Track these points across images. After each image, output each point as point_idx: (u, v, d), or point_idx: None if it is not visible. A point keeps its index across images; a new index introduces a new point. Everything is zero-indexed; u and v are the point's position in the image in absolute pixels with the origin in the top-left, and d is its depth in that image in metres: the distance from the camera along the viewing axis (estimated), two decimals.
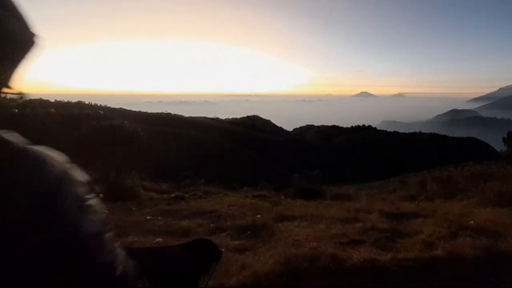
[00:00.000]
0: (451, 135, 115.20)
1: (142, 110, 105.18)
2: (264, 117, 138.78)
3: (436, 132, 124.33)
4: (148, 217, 6.32)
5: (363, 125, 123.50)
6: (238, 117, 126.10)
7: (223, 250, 1.01)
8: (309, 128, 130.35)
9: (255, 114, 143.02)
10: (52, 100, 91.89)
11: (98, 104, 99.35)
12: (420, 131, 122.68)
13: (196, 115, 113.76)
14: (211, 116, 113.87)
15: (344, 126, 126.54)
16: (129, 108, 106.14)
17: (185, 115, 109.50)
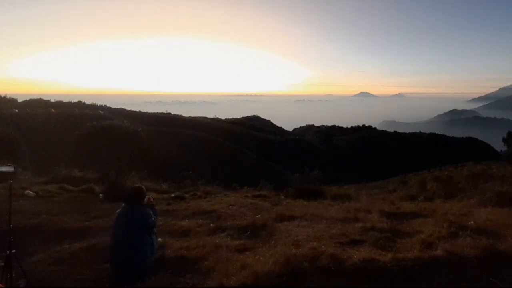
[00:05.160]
0: (451, 135, 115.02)
1: (142, 110, 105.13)
2: (264, 117, 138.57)
3: (436, 132, 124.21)
4: None
5: (363, 125, 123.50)
6: (238, 117, 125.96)
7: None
8: (309, 128, 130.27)
9: (255, 114, 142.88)
10: (52, 100, 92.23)
11: (98, 104, 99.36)
12: (420, 131, 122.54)
13: (196, 115, 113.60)
14: (211, 116, 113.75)
15: (344, 126, 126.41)
16: (129, 108, 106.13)
17: (185, 115, 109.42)
